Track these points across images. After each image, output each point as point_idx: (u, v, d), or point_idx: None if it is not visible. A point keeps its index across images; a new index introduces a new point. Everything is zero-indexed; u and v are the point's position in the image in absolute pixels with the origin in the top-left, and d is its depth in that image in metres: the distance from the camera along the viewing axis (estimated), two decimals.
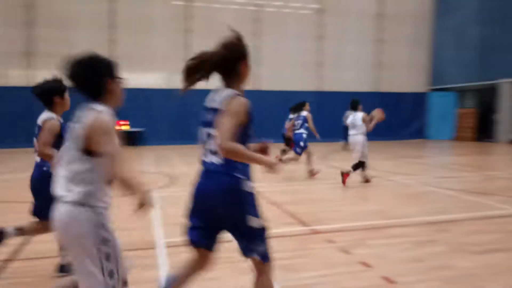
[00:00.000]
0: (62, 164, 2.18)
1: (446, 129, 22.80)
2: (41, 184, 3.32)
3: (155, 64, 18.53)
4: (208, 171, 2.40)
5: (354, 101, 8.58)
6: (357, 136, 8.28)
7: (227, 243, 2.68)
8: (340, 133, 17.69)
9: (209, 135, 2.41)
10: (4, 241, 3.47)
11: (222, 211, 2.37)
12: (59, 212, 2.11)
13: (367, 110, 8.44)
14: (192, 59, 2.42)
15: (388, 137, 21.18)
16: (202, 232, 2.46)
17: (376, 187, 8.13)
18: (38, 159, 3.48)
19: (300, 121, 9.38)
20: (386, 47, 21.99)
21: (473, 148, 17.82)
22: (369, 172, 8.69)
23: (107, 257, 2.13)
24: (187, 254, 2.60)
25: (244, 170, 2.38)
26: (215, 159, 2.37)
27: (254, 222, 2.37)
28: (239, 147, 2.23)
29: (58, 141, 3.26)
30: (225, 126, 2.24)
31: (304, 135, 9.26)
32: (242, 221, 2.36)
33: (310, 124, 9.44)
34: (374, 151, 15.49)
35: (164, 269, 3.69)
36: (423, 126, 22.93)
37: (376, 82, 21.91)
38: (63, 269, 3.52)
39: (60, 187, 2.14)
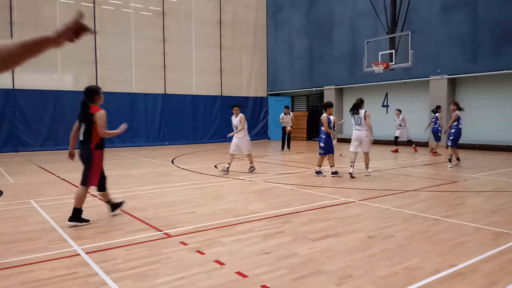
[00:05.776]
0: None
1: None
2: None
3: None
4: None
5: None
6: None
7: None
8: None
9: None
10: None
11: None
12: None
13: (214, 113, 8.66)
14: None
15: None
16: None
17: (226, 187, 8.39)
18: None
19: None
20: (232, 54, 23.00)
21: (305, 146, 19.90)
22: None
23: None
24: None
25: None
26: None
27: None
28: None
29: None
30: None
31: None
32: None
33: None
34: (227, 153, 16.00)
35: None
36: (267, 128, 24.71)
37: (221, 86, 22.64)
38: None
39: None
